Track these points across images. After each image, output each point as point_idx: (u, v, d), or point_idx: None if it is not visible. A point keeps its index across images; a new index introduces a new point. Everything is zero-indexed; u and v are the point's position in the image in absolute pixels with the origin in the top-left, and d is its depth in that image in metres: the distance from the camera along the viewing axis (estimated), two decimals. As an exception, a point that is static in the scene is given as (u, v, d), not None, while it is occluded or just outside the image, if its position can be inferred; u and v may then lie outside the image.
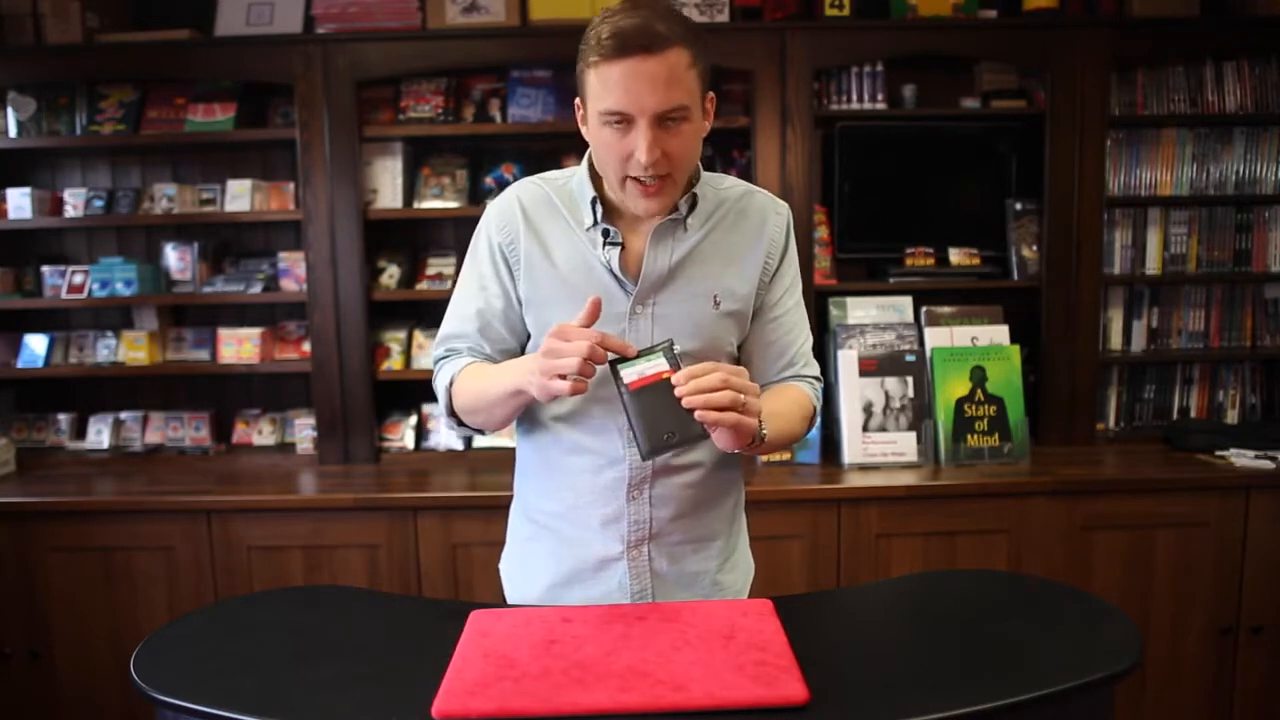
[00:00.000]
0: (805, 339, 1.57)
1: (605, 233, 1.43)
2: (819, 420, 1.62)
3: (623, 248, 1.44)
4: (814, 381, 1.58)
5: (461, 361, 1.48)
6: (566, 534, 1.50)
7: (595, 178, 1.45)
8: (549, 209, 1.47)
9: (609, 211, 1.45)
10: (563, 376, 1.24)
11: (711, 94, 1.40)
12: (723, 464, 1.52)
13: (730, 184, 1.52)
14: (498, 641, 1.23)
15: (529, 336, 1.50)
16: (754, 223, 1.49)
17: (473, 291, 1.49)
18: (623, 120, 1.31)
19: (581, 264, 1.44)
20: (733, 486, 1.57)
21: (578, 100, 1.39)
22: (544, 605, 1.44)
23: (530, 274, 1.45)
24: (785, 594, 1.44)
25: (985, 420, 2.75)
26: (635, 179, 1.36)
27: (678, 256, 1.44)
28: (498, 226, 1.48)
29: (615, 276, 1.43)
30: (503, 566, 1.64)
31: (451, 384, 1.46)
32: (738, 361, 1.53)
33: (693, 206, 1.45)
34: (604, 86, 1.30)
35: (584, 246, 1.44)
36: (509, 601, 1.57)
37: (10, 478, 2.81)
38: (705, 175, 1.49)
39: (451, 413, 1.48)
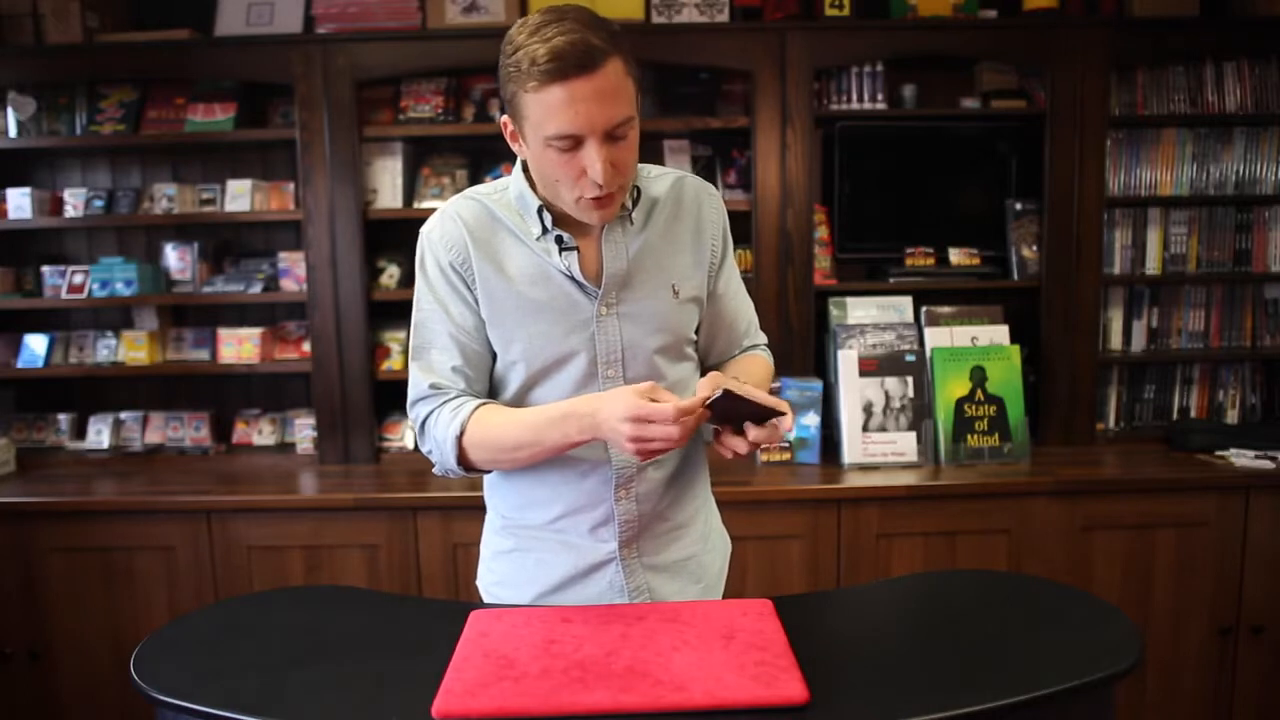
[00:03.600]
0: (751, 307, 1.64)
1: (559, 239, 1.40)
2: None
3: (577, 251, 1.42)
4: (766, 347, 1.67)
5: (466, 407, 1.40)
6: (554, 543, 1.50)
7: (535, 186, 1.41)
8: (493, 224, 1.43)
9: (556, 218, 1.41)
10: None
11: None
12: (692, 446, 1.54)
13: (657, 172, 1.51)
14: (498, 641, 1.23)
15: (495, 357, 1.46)
16: (690, 209, 1.50)
17: (437, 318, 1.44)
18: (572, 142, 1.28)
19: (539, 275, 1.41)
20: (703, 466, 1.60)
21: (504, 119, 1.35)
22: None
23: (488, 293, 1.41)
24: (785, 594, 1.44)
25: (985, 420, 2.75)
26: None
27: (633, 251, 1.43)
28: (445, 247, 1.42)
29: (577, 282, 1.41)
30: (481, 582, 1.61)
31: (462, 433, 1.38)
32: (697, 347, 1.55)
33: (636, 200, 1.44)
34: (546, 111, 1.25)
35: (537, 257, 1.41)
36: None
37: (10, 478, 2.81)
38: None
39: (459, 461, 1.41)
